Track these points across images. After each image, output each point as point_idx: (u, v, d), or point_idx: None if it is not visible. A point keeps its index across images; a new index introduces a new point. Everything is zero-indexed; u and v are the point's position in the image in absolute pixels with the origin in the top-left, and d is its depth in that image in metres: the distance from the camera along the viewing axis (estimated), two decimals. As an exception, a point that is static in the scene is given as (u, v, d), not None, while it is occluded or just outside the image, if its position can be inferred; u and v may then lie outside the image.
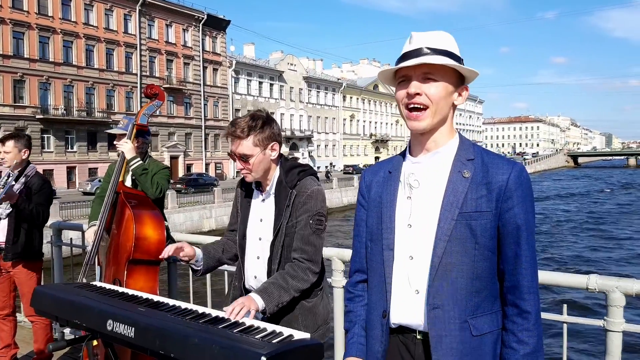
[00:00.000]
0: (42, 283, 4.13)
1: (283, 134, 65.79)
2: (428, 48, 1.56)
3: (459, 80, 1.61)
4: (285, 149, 64.30)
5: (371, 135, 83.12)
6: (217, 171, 54.12)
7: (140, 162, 3.52)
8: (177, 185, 36.48)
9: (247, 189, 2.50)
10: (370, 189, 1.77)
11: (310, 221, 2.27)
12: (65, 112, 40.61)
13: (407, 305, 1.61)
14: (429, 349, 1.57)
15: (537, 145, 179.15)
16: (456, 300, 1.54)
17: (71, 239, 4.64)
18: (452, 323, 1.53)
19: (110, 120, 43.60)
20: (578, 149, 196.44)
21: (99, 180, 37.22)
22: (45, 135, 39.28)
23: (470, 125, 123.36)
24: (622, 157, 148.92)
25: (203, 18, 52.90)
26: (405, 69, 1.57)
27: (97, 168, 42.78)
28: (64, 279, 4.82)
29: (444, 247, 1.54)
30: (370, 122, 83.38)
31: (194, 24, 52.45)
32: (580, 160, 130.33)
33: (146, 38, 47.63)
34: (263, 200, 2.42)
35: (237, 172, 2.44)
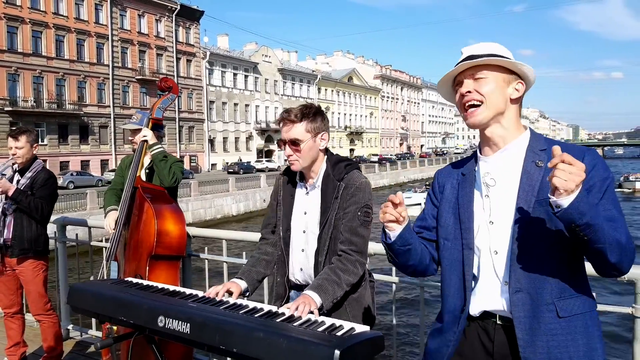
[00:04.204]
0: (48, 281, 4.05)
1: (258, 126, 65.63)
2: (474, 55, 1.70)
3: (512, 76, 1.70)
4: (260, 142, 64.07)
5: (346, 127, 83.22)
6: (192, 164, 53.49)
7: (162, 149, 3.49)
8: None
9: (289, 182, 2.48)
10: (444, 189, 1.86)
11: (359, 213, 2.28)
12: (35, 104, 39.58)
13: (494, 296, 1.67)
14: (510, 333, 1.63)
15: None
16: (539, 283, 1.59)
17: (77, 234, 4.56)
18: (536, 305, 1.59)
19: (82, 112, 42.70)
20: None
21: (71, 174, 36.46)
22: (13, 128, 38.21)
23: (442, 117, 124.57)
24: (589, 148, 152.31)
25: (176, 8, 52.06)
26: (458, 75, 1.73)
27: (68, 161, 41.87)
28: (68, 276, 4.74)
29: (522, 234, 1.60)
30: (345, 114, 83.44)
31: (166, 14, 51.59)
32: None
33: (118, 28, 46.67)
34: (307, 193, 2.42)
35: (285, 160, 2.43)
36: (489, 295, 1.68)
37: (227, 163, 55.99)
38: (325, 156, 2.41)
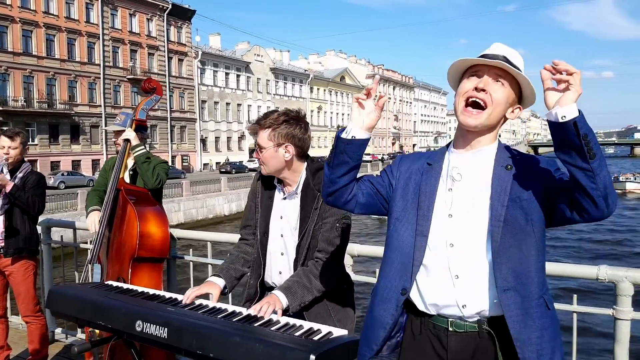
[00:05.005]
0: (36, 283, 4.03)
1: (250, 125, 64.62)
2: (506, 59, 1.66)
3: (518, 98, 1.72)
4: (252, 141, 63.88)
5: (338, 126, 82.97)
6: (184, 164, 53.35)
7: (145, 150, 3.48)
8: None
9: (267, 185, 2.48)
10: (404, 175, 1.83)
11: (337, 224, 2.30)
12: (25, 103, 39.30)
13: (446, 289, 1.67)
14: (465, 342, 1.65)
15: (500, 136, 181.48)
16: (525, 279, 1.60)
17: (61, 236, 4.53)
18: (527, 301, 1.59)
19: (73, 112, 42.47)
20: (535, 139, 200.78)
21: (62, 174, 36.24)
22: (5, 128, 37.79)
23: (434, 116, 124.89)
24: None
25: (167, 7, 51.81)
26: (481, 66, 1.68)
27: (59, 161, 41.62)
28: (53, 278, 4.71)
29: (499, 232, 1.61)
30: (337, 113, 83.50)
31: (158, 13, 51.35)
32: (541, 150, 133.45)
33: (109, 28, 46.41)
34: (285, 198, 2.42)
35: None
36: (441, 289, 1.68)
37: (216, 163, 55.90)
38: (306, 163, 2.40)
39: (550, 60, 1.45)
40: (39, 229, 4.57)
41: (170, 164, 47.75)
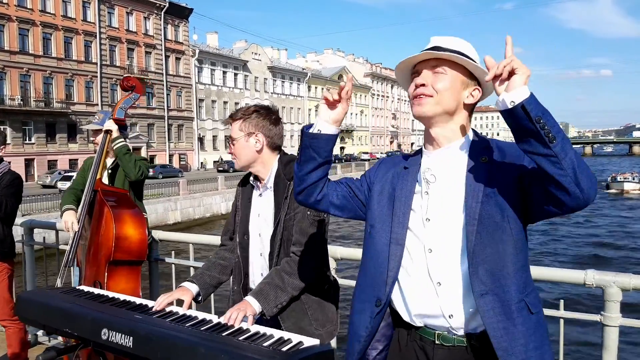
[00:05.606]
0: (14, 286, 3.94)
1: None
2: (441, 47, 1.62)
3: (472, 81, 1.64)
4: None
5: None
6: (181, 162, 53.27)
7: (125, 142, 3.40)
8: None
9: (245, 187, 2.45)
10: (380, 179, 1.78)
11: (308, 212, 2.21)
12: (22, 102, 39.19)
13: (429, 298, 1.59)
14: (452, 355, 1.56)
15: (498, 134, 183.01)
16: (503, 281, 1.50)
17: (44, 237, 4.44)
18: (506, 306, 1.48)
19: (70, 110, 42.36)
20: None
21: (59, 173, 36.12)
22: (1, 127, 37.83)
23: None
24: (579, 146, 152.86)
25: (165, 6, 51.70)
26: (418, 64, 1.64)
27: (56, 160, 41.57)
28: (37, 280, 4.62)
29: (474, 231, 1.51)
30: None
31: (155, 12, 51.24)
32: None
33: (106, 26, 46.30)
34: (260, 194, 2.37)
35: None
36: (425, 298, 1.60)
37: (213, 162, 55.93)
38: (278, 156, 2.37)
39: (547, 58, 1.36)
40: (21, 230, 4.49)
41: (167, 162, 47.70)
